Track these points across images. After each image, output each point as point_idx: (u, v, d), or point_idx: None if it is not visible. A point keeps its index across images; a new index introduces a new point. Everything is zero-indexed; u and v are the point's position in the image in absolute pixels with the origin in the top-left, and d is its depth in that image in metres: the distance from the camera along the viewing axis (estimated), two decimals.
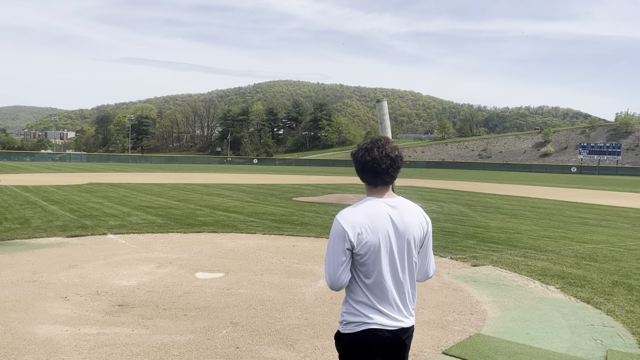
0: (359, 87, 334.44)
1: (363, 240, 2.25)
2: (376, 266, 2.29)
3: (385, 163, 2.30)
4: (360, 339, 2.30)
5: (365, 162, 2.32)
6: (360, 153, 2.34)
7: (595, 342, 4.79)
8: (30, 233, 9.99)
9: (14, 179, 28.26)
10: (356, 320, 2.31)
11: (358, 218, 2.27)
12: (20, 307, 5.31)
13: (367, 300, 2.31)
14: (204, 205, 16.17)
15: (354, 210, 2.31)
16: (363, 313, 2.30)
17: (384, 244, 2.28)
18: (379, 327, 2.30)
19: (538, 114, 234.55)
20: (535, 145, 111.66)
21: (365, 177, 2.36)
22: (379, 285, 2.31)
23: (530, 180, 47.15)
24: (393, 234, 2.30)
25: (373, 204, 2.32)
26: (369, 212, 2.29)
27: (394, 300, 2.33)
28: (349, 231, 2.24)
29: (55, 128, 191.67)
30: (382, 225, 2.28)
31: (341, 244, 2.26)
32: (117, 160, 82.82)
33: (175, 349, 4.27)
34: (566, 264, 8.32)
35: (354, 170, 2.45)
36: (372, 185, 2.36)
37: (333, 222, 2.33)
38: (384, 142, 2.34)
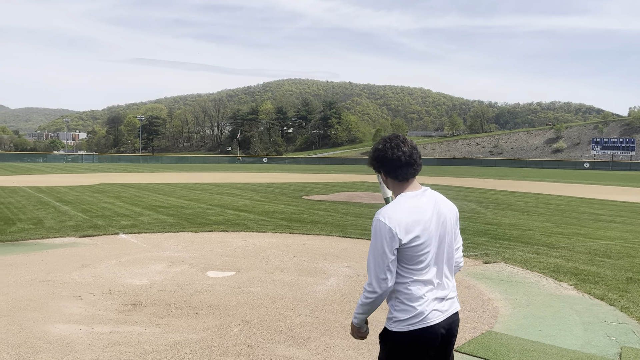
0: (369, 85, 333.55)
1: (412, 237, 2.26)
2: (425, 257, 2.29)
3: (415, 154, 2.38)
4: (413, 338, 2.28)
5: (398, 158, 2.35)
6: (390, 151, 2.37)
7: (610, 339, 4.74)
8: (44, 233, 10.10)
9: (28, 180, 28.57)
10: (407, 317, 2.28)
11: (401, 214, 2.27)
12: (35, 306, 5.37)
13: (418, 292, 2.29)
14: (215, 205, 16.23)
15: (395, 207, 2.31)
16: (415, 307, 2.28)
17: (430, 233, 2.31)
18: (433, 322, 2.29)
19: (550, 110, 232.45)
20: (547, 141, 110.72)
21: (399, 172, 2.37)
22: (429, 275, 2.31)
23: (542, 176, 46.76)
24: (435, 223, 2.33)
25: (409, 199, 2.34)
26: (409, 206, 2.31)
27: (445, 283, 2.37)
28: (395, 229, 2.23)
29: (67, 129, 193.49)
30: (424, 217, 2.31)
31: (389, 244, 2.24)
32: (128, 161, 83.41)
33: (187, 347, 4.30)
34: (579, 261, 8.24)
35: (364, 169, 2.45)
36: (404, 179, 2.38)
37: (374, 223, 2.30)
38: (404, 137, 2.43)
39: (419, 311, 2.27)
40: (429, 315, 2.28)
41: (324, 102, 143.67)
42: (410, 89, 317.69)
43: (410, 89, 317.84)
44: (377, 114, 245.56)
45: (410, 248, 2.26)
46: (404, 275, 2.31)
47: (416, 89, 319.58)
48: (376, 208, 15.85)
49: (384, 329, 2.38)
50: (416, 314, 2.27)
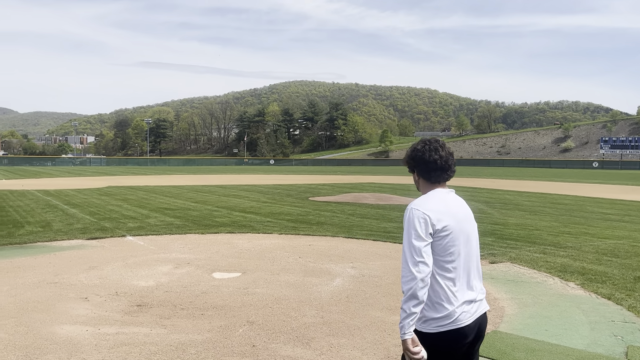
0: (375, 86, 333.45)
1: (444, 226, 2.30)
2: (455, 251, 2.32)
3: (450, 160, 2.46)
4: (446, 339, 2.29)
5: (434, 161, 2.42)
6: (428, 154, 2.43)
7: (616, 338, 4.71)
8: (52, 236, 10.18)
9: (36, 183, 28.79)
10: (438, 316, 2.29)
11: (433, 204, 2.35)
12: (42, 308, 5.41)
13: (449, 292, 2.30)
14: (221, 206, 16.28)
15: (426, 199, 2.39)
16: (446, 307, 2.29)
17: (459, 228, 2.36)
18: (463, 324, 2.30)
19: (558, 109, 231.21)
20: (555, 140, 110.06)
21: (432, 175, 2.45)
22: (460, 272, 2.34)
23: (550, 176, 46.50)
24: (463, 218, 2.41)
25: (439, 193, 2.43)
26: (439, 199, 2.40)
27: (476, 284, 2.41)
28: (430, 214, 2.29)
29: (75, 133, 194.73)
30: (453, 210, 2.38)
31: (424, 229, 2.26)
32: (135, 164, 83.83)
33: (192, 348, 4.32)
34: (587, 260, 8.19)
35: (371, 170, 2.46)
36: (436, 182, 2.46)
37: (407, 213, 2.34)
38: (443, 142, 2.51)
39: (450, 312, 2.29)
40: (460, 317, 2.30)
41: (330, 104, 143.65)
42: (417, 90, 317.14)
43: (416, 90, 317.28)
44: (384, 114, 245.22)
45: (443, 237, 2.29)
46: (436, 270, 2.31)
47: (423, 90, 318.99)
48: (382, 209, 15.84)
49: (416, 330, 2.34)
50: (447, 314, 2.29)
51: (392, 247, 9.33)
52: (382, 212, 14.87)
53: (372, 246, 9.45)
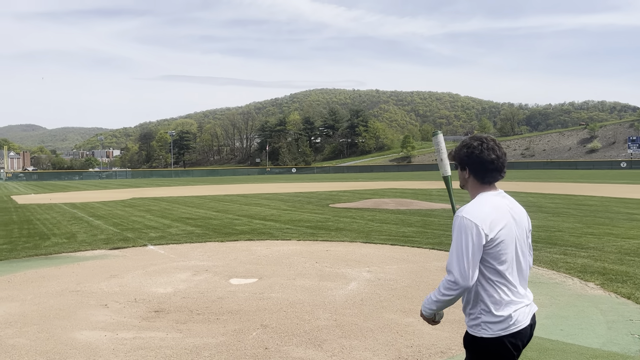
0: (396, 92, 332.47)
1: (497, 233, 2.24)
2: (507, 258, 2.28)
3: (505, 161, 2.37)
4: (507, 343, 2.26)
5: (492, 161, 2.33)
6: (486, 152, 2.34)
7: (633, 336, 4.63)
8: (76, 247, 10.44)
9: (64, 197, 29.51)
10: (496, 321, 2.26)
11: (485, 212, 2.27)
12: (64, 315, 5.58)
13: (505, 296, 2.28)
14: (242, 215, 16.44)
15: (477, 206, 2.30)
16: (504, 312, 2.26)
17: (511, 234, 2.29)
18: (522, 326, 2.29)
19: (583, 109, 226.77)
20: (580, 141, 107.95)
21: (487, 175, 2.36)
22: (513, 278, 2.30)
23: (576, 177, 45.59)
24: (514, 223, 2.32)
25: (490, 198, 2.34)
26: (491, 205, 2.30)
27: (524, 288, 2.37)
28: (481, 225, 2.23)
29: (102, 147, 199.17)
30: (504, 217, 2.30)
31: (475, 240, 2.22)
32: (160, 176, 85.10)
33: (206, 351, 4.40)
34: (608, 260, 8.04)
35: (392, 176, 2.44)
36: (487, 182, 2.37)
37: (457, 221, 2.29)
38: (497, 140, 2.41)
39: (508, 315, 2.26)
40: (519, 318, 2.28)
41: (351, 111, 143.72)
42: (438, 94, 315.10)
43: (438, 94, 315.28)
44: (405, 120, 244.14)
45: (495, 245, 2.25)
46: (488, 276, 2.29)
47: (444, 94, 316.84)
48: (402, 214, 15.78)
49: (470, 336, 2.34)
50: (505, 318, 2.26)
51: (410, 251, 9.31)
52: (402, 217, 14.82)
53: (390, 250, 9.44)
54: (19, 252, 9.86)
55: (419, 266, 7.94)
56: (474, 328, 2.30)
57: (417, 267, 7.88)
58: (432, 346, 4.46)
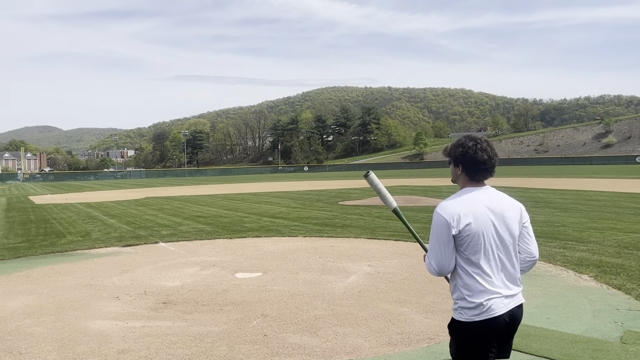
0: (408, 89, 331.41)
1: (464, 227, 2.41)
2: (481, 248, 2.43)
3: (496, 162, 2.54)
4: (479, 328, 2.42)
5: (484, 161, 2.49)
6: (480, 153, 2.49)
7: (616, 324, 4.83)
8: (90, 244, 10.85)
9: (79, 197, 30.15)
10: (471, 306, 2.43)
11: (457, 207, 2.45)
12: (78, 306, 5.93)
13: (480, 286, 2.43)
14: (252, 213, 16.78)
15: (451, 200, 2.50)
16: (477, 298, 2.42)
17: (483, 227, 2.44)
18: (497, 313, 2.42)
19: (599, 104, 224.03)
20: (595, 136, 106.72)
21: (477, 173, 2.52)
22: (488, 266, 2.44)
23: (590, 173, 45.26)
24: (490, 217, 2.46)
25: (470, 194, 2.51)
26: (467, 200, 2.48)
27: (505, 279, 2.48)
28: (449, 219, 2.41)
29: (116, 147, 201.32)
30: (477, 210, 2.45)
31: (444, 232, 2.42)
32: (174, 175, 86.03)
33: (209, 338, 4.71)
34: (606, 254, 8.20)
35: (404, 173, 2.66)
36: (476, 180, 2.54)
37: (434, 215, 2.50)
38: (489, 141, 2.57)
39: (480, 303, 2.41)
40: (493, 307, 2.41)
41: (363, 108, 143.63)
42: (451, 90, 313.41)
43: (451, 90, 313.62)
44: (418, 117, 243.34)
45: (466, 237, 2.42)
46: (464, 266, 2.47)
47: (457, 90, 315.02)
48: (410, 211, 15.99)
49: (452, 319, 2.54)
50: (477, 305, 2.41)
51: (412, 246, 9.54)
52: (408, 214, 15.02)
53: (393, 246, 9.68)
54: (37, 250, 10.28)
55: (419, 260, 8.16)
56: (454, 312, 2.52)
57: (417, 261, 8.11)
58: (421, 333, 4.71)
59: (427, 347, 4.38)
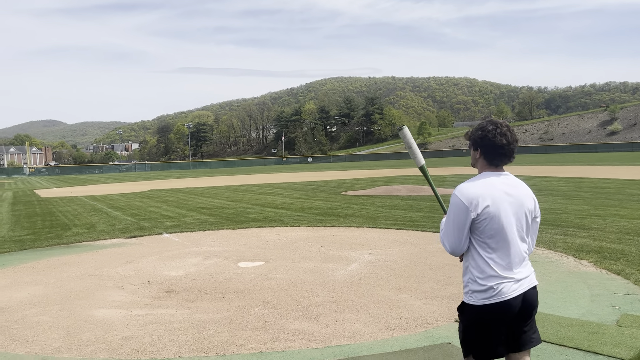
0: (412, 78, 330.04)
1: (483, 210, 2.43)
2: (496, 232, 2.45)
3: (515, 146, 2.54)
4: (488, 312, 2.45)
5: (502, 146, 2.50)
6: (498, 137, 2.49)
7: (613, 308, 4.88)
8: (95, 236, 10.96)
9: (84, 190, 30.34)
10: (481, 289, 2.46)
11: (476, 190, 2.46)
12: (83, 295, 6.03)
13: (491, 270, 2.46)
14: (255, 204, 16.87)
15: (470, 183, 2.51)
16: (488, 282, 2.45)
17: (500, 212, 2.45)
18: (507, 297, 2.44)
19: (605, 91, 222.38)
20: (601, 124, 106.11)
21: (495, 158, 2.53)
22: (501, 251, 2.47)
23: (595, 160, 45.11)
24: (508, 202, 2.48)
25: (489, 178, 2.52)
26: (486, 184, 2.49)
27: (516, 264, 2.50)
28: (467, 203, 2.44)
29: (121, 140, 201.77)
30: (495, 195, 2.46)
31: (462, 216, 2.45)
32: (178, 168, 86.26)
33: (211, 325, 4.80)
34: (607, 240, 8.23)
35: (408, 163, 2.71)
36: (495, 164, 2.54)
37: (452, 197, 2.52)
38: (511, 127, 2.56)
39: (491, 286, 2.44)
40: (503, 290, 2.43)
41: (367, 99, 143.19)
42: (455, 79, 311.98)
43: (455, 79, 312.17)
44: (422, 106, 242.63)
45: (482, 221, 2.44)
46: (477, 249, 2.50)
47: (461, 79, 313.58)
48: (412, 200, 16.03)
49: (462, 302, 2.58)
50: (488, 289, 2.44)
51: (413, 235, 9.60)
52: (411, 203, 15.07)
53: (394, 234, 9.74)
54: (42, 242, 10.41)
55: (420, 248, 8.24)
56: (465, 295, 2.56)
57: (418, 249, 8.17)
58: (420, 318, 4.78)
59: (425, 332, 4.45)
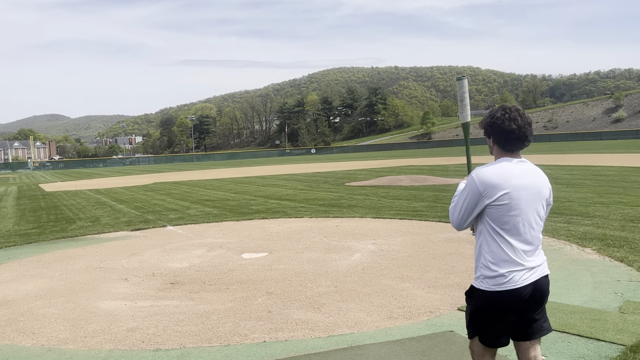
0: (415, 68, 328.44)
1: (499, 196, 2.43)
2: (511, 220, 2.44)
3: (528, 130, 2.52)
4: (498, 298, 2.44)
5: (512, 131, 2.48)
6: (507, 122, 2.49)
7: (616, 295, 4.88)
8: (100, 229, 11.02)
9: (89, 183, 30.46)
10: (493, 275, 2.45)
11: (494, 176, 2.46)
12: (88, 288, 6.08)
13: (505, 255, 2.45)
14: (258, 195, 16.90)
15: (488, 169, 2.50)
16: (501, 268, 2.44)
17: (519, 199, 2.44)
18: (519, 285, 2.43)
19: (609, 78, 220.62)
20: (605, 111, 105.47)
21: (508, 143, 2.52)
22: (515, 237, 2.45)
23: (599, 148, 44.91)
24: (525, 189, 2.46)
25: (507, 163, 2.51)
26: (504, 170, 2.48)
27: (529, 252, 2.49)
28: (483, 190, 2.45)
29: (124, 134, 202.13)
30: (514, 181, 2.45)
31: (474, 199, 2.48)
32: (182, 160, 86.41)
33: (215, 315, 4.83)
34: (610, 227, 8.22)
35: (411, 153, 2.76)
36: (509, 150, 2.53)
37: (469, 179, 2.54)
38: (522, 111, 2.55)
39: (503, 273, 2.42)
40: (514, 278, 2.41)
41: (369, 89, 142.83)
42: (459, 68, 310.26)
43: (458, 68, 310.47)
44: (425, 96, 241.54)
45: (497, 207, 2.44)
46: (492, 235, 2.49)
47: (465, 68, 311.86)
48: (416, 190, 16.03)
49: (471, 286, 2.57)
50: (501, 274, 2.43)
51: (416, 225, 9.60)
52: (414, 193, 15.07)
53: (398, 224, 9.75)
54: (47, 235, 10.47)
55: (424, 238, 8.24)
56: (475, 280, 2.54)
57: (421, 239, 8.18)
58: (422, 307, 4.80)
59: (428, 320, 4.47)
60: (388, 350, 3.88)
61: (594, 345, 3.80)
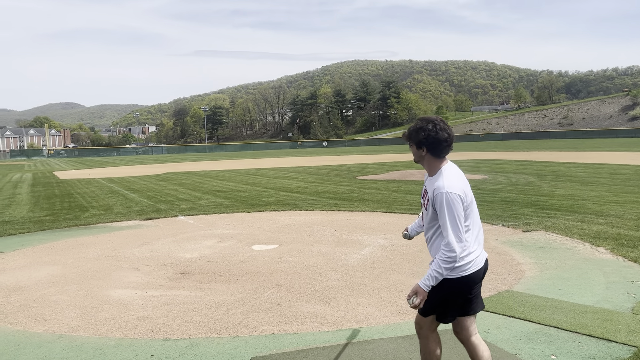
0: (429, 62, 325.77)
1: (466, 197, 2.77)
2: (471, 214, 2.80)
3: (453, 136, 2.84)
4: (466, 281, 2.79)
5: (445, 139, 2.78)
6: (440, 133, 2.78)
7: (629, 295, 4.82)
8: (112, 218, 11.11)
9: (102, 172, 30.73)
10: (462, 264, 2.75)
11: (458, 183, 2.76)
12: (100, 276, 6.14)
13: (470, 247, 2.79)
14: (270, 187, 16.93)
15: (451, 179, 2.76)
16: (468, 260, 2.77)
17: (472, 196, 2.84)
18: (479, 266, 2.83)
19: (627, 75, 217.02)
20: (622, 108, 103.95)
21: (439, 150, 2.80)
22: (475, 229, 2.83)
23: (615, 146, 44.28)
24: (469, 186, 2.86)
25: (450, 169, 2.82)
26: (456, 175, 2.80)
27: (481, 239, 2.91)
28: (462, 195, 2.73)
29: (138, 123, 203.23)
30: (466, 181, 2.85)
31: (460, 208, 2.70)
32: (194, 151, 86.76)
33: (224, 306, 4.85)
34: (624, 227, 8.11)
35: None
36: (442, 157, 2.82)
37: (443, 197, 2.68)
38: (444, 120, 2.88)
39: (470, 260, 2.77)
40: (477, 261, 2.81)
41: (383, 82, 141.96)
42: (474, 63, 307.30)
43: (473, 63, 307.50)
44: (439, 90, 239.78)
45: (467, 208, 2.76)
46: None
47: (480, 63, 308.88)
48: (416, 185, 15.92)
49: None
50: (467, 262, 2.76)
51: None
52: (416, 188, 14.97)
53: (409, 219, 9.70)
54: (61, 223, 10.59)
55: None
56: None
57: None
58: None
59: None
60: (396, 345, 3.87)
61: (605, 346, 3.76)
